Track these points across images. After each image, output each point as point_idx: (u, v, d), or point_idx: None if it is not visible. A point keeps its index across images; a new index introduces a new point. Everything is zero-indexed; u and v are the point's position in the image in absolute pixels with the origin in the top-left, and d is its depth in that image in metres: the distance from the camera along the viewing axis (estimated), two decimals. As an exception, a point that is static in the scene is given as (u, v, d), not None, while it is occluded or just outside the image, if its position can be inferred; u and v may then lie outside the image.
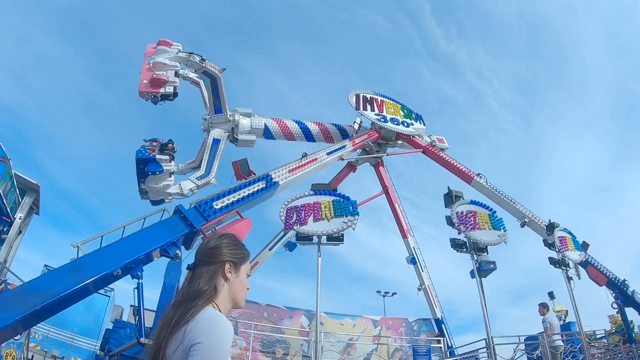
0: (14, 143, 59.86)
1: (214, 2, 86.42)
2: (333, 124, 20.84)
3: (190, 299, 1.97)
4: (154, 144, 14.14)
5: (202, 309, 1.91)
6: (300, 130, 19.63)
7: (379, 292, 35.53)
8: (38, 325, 14.90)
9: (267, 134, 18.69)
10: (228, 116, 17.35)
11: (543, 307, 13.84)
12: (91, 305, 18.77)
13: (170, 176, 14.48)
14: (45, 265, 17.79)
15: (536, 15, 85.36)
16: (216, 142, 16.70)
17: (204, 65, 15.85)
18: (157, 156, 13.72)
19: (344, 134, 20.73)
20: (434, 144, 21.51)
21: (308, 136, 19.94)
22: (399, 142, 21.68)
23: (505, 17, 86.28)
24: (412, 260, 21.31)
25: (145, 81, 14.71)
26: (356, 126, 21.33)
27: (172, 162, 14.32)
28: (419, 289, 21.13)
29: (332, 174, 22.44)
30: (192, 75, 16.75)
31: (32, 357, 16.19)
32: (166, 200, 15.30)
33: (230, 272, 2.14)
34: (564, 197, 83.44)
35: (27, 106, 72.26)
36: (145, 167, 13.67)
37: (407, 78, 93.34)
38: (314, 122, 20.30)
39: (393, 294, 35.01)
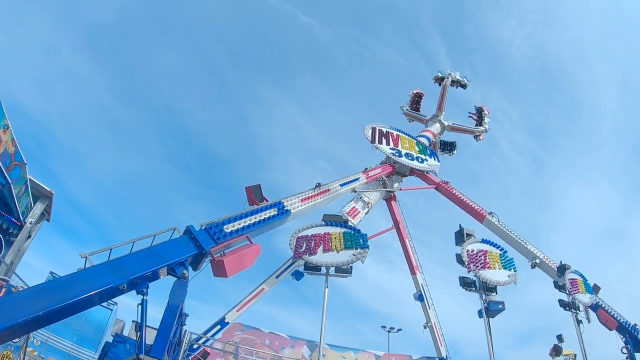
0: (34, 152, 60.73)
1: (240, 34, 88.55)
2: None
3: None
4: None
5: None
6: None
7: (383, 327, 34.96)
8: (38, 330, 14.85)
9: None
10: None
11: (554, 350, 13.39)
12: (93, 316, 18.70)
13: None
14: (51, 272, 17.91)
15: (549, 59, 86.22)
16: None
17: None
18: None
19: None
20: None
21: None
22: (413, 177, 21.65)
23: (519, 61, 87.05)
24: (420, 297, 20.98)
25: None
26: None
27: None
28: (425, 326, 20.72)
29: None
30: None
31: (28, 361, 16.06)
32: None
33: None
34: (575, 240, 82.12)
35: (50, 118, 74.23)
36: None
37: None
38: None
39: (398, 330, 34.45)
